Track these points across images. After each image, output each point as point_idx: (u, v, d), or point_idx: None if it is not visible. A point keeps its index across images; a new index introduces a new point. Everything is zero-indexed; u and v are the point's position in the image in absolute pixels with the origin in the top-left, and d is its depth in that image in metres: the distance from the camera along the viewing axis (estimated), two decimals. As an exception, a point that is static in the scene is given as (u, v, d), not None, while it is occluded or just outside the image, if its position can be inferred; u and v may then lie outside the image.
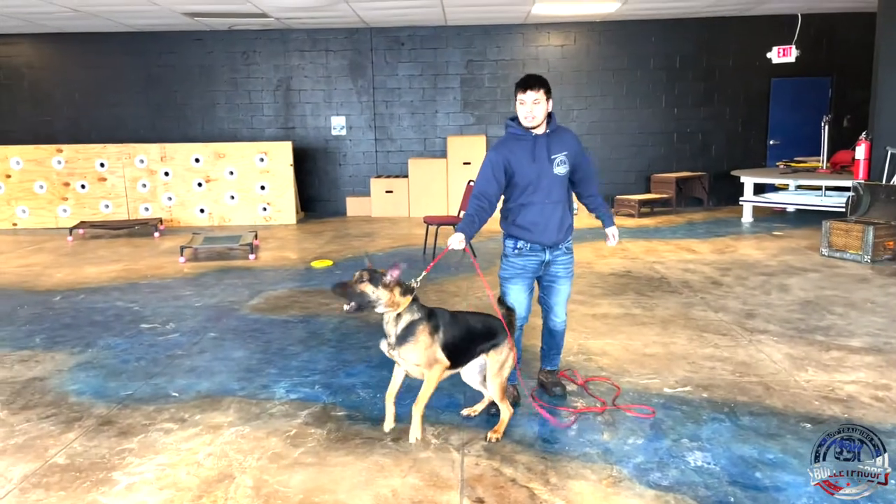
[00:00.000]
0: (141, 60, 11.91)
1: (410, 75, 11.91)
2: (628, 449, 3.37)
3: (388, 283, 3.25)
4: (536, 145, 3.63)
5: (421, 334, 3.30)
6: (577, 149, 3.73)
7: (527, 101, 3.53)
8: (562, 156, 3.65)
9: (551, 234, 3.69)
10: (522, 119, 3.59)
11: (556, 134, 3.68)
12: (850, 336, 4.95)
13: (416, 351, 3.31)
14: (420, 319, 3.32)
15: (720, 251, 8.08)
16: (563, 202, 3.71)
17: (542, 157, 3.62)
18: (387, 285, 3.24)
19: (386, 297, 3.24)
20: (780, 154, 11.54)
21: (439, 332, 3.37)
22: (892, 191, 7.57)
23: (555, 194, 3.67)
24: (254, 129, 12.09)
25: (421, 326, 3.31)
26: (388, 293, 3.24)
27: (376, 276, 3.26)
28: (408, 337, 3.30)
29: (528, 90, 3.51)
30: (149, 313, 5.94)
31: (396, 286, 3.29)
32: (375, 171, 12.20)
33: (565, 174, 3.68)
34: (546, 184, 3.64)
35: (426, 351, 3.31)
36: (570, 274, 3.86)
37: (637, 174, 12.04)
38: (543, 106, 3.56)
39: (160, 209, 11.01)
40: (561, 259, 3.78)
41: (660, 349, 4.78)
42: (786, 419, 3.64)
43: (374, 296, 3.23)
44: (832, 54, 11.44)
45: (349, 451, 3.39)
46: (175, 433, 3.63)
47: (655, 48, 11.68)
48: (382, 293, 3.23)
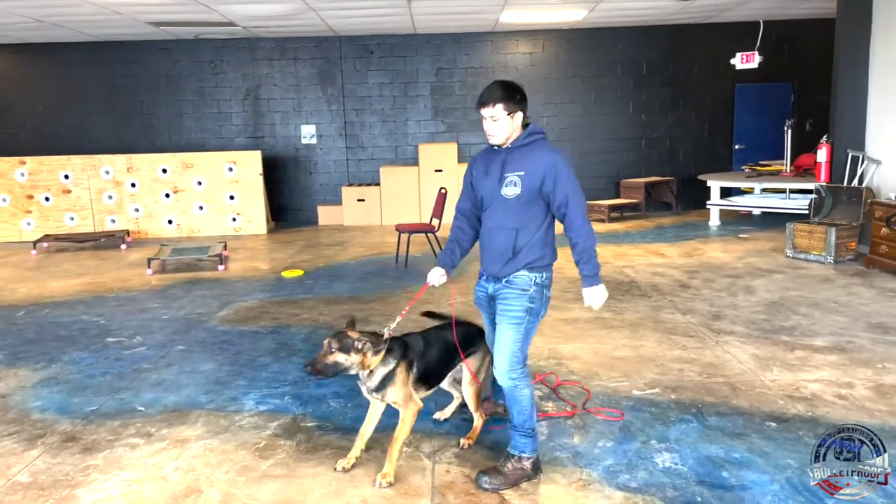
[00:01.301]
0: (105, 70, 11.74)
1: (381, 83, 11.91)
2: (598, 452, 3.39)
3: (358, 347, 3.11)
4: (496, 159, 3.17)
5: (398, 377, 3.22)
6: (543, 171, 3.04)
7: (485, 118, 3.09)
8: (515, 175, 3.07)
9: (492, 263, 3.16)
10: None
11: (524, 150, 3.10)
12: (814, 336, 5.05)
13: (394, 392, 3.23)
14: (395, 367, 3.22)
15: (688, 254, 8.19)
16: (512, 230, 3.09)
17: (495, 172, 3.14)
18: (358, 350, 3.10)
19: (358, 359, 3.12)
20: (746, 158, 11.74)
21: (413, 369, 3.30)
22: (853, 192, 7.74)
23: (499, 218, 3.13)
24: (222, 139, 11.99)
25: (397, 371, 3.22)
26: (359, 356, 3.11)
27: (346, 342, 3.10)
28: (386, 384, 3.21)
29: (481, 107, 3.08)
30: (115, 327, 5.84)
31: (368, 346, 3.13)
32: (347, 180, 12.16)
33: (514, 197, 3.07)
34: (494, 204, 3.14)
35: (403, 390, 3.24)
36: (513, 319, 3.08)
37: (607, 180, 12.16)
38: (505, 123, 3.06)
39: (127, 221, 10.84)
40: (503, 294, 3.13)
41: (629, 352, 4.83)
42: (751, 418, 3.70)
43: (348, 363, 3.11)
44: (794, 60, 11.69)
45: (319, 461, 3.37)
46: (141, 448, 3.57)
47: (622, 55, 11.83)
48: (354, 357, 3.11)
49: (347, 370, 3.13)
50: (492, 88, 3.10)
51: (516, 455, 3.13)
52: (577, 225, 3.10)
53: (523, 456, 3.13)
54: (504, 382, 3.11)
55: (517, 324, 3.08)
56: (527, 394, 3.11)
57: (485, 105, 3.06)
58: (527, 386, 3.12)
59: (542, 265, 3.15)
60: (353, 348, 3.09)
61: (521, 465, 3.12)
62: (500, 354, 3.10)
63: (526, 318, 3.09)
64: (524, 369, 3.12)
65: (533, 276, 3.11)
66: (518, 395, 3.10)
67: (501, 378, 3.11)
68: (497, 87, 3.09)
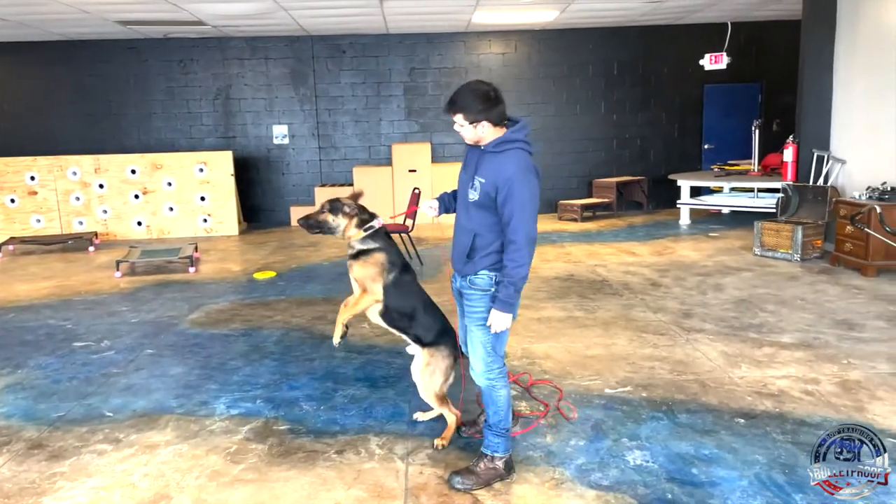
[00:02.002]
0: (72, 70, 11.53)
1: (353, 83, 11.86)
2: (570, 451, 3.41)
3: (346, 211, 3.45)
4: (473, 157, 3.12)
5: (372, 258, 3.44)
6: (498, 185, 2.93)
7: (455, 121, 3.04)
8: (478, 180, 3.00)
9: (455, 260, 3.18)
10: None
11: (493, 156, 2.99)
12: (781, 332, 5.13)
13: (360, 269, 3.45)
14: (373, 250, 3.45)
15: (659, 253, 8.28)
16: (470, 232, 3.06)
17: (469, 171, 3.11)
18: (346, 213, 3.45)
19: (344, 223, 3.46)
20: (715, 158, 11.90)
21: (390, 272, 3.46)
22: (818, 191, 7.89)
23: (463, 217, 3.13)
24: (192, 139, 11.84)
25: (374, 253, 3.44)
26: (345, 220, 3.46)
27: (336, 205, 3.47)
28: (359, 257, 3.46)
29: (447, 112, 3.06)
30: (82, 331, 5.74)
31: (355, 213, 3.46)
32: (320, 180, 12.09)
33: (475, 202, 3.02)
34: (462, 203, 3.14)
35: (369, 270, 3.43)
36: (479, 320, 3.06)
37: (579, 179, 12.24)
38: (468, 130, 2.99)
39: (95, 223, 10.66)
40: (468, 294, 3.12)
41: (601, 351, 4.87)
42: (720, 415, 3.75)
43: (333, 223, 3.47)
44: (761, 61, 11.88)
45: (291, 465, 3.34)
46: (109, 454, 3.51)
47: (594, 56, 11.92)
48: (341, 220, 3.46)
49: (333, 231, 3.48)
50: (457, 94, 3.02)
51: (489, 455, 3.14)
52: (512, 248, 2.93)
53: (496, 455, 3.13)
54: (481, 383, 3.12)
55: (482, 324, 3.07)
56: (503, 394, 3.12)
57: (448, 111, 3.05)
58: (504, 386, 3.13)
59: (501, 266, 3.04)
60: (342, 211, 3.45)
61: (494, 464, 3.12)
62: (475, 356, 3.12)
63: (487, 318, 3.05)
64: (501, 369, 3.12)
65: (493, 275, 3.05)
66: (495, 395, 3.11)
67: (478, 378, 3.12)
68: (460, 95, 3.01)
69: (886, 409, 3.76)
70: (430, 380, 3.47)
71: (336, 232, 3.50)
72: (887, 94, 7.18)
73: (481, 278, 3.07)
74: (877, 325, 5.22)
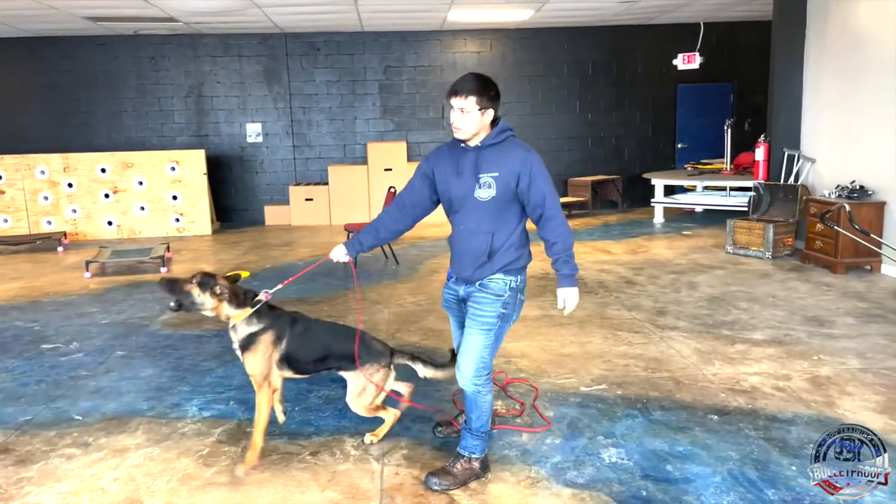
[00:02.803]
0: (40, 66, 11.30)
1: (328, 81, 11.78)
2: (546, 449, 3.41)
3: (217, 292, 3.14)
4: (465, 159, 3.02)
5: (259, 345, 3.22)
6: (518, 171, 2.93)
7: (454, 108, 2.96)
8: (489, 177, 2.94)
9: (464, 267, 3.06)
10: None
11: (496, 149, 2.98)
12: (754, 329, 5.20)
13: (251, 361, 3.23)
14: (259, 331, 3.22)
15: (634, 251, 8.34)
16: (486, 233, 2.99)
17: (468, 173, 2.99)
18: (215, 294, 3.14)
19: (210, 304, 3.15)
20: (688, 157, 12.03)
21: (281, 344, 3.26)
22: (789, 190, 8.00)
23: (473, 221, 3.01)
24: (164, 138, 11.67)
25: (260, 337, 3.22)
26: (213, 301, 3.15)
27: (208, 281, 3.16)
28: (248, 346, 3.21)
29: (452, 96, 2.95)
30: (51, 333, 5.62)
31: (229, 297, 3.17)
32: (294, 179, 11.99)
33: (490, 199, 2.95)
34: (467, 206, 3.01)
35: (259, 362, 3.21)
36: (484, 325, 3.00)
37: (554, 178, 12.18)
38: (475, 118, 2.93)
39: (64, 222, 10.47)
40: (476, 298, 3.04)
41: (577, 349, 4.88)
42: (694, 412, 3.78)
43: (200, 300, 3.15)
44: (733, 61, 12.03)
45: (265, 467, 3.30)
46: (78, 459, 3.44)
47: (568, 55, 11.98)
48: (207, 299, 3.15)
49: (199, 308, 3.16)
50: (467, 79, 2.96)
51: (466, 456, 3.12)
52: (555, 224, 2.98)
53: (473, 457, 3.12)
54: (467, 388, 3.06)
55: (488, 329, 3.01)
56: (488, 400, 3.10)
57: (457, 94, 2.92)
58: (489, 392, 3.10)
59: (517, 268, 3.05)
60: (211, 290, 3.13)
61: (471, 465, 3.12)
62: (467, 359, 3.02)
63: (497, 323, 3.02)
64: (488, 375, 3.08)
65: (508, 280, 3.03)
66: (480, 400, 3.07)
67: (465, 383, 3.05)
68: (473, 79, 2.96)
69: (856, 404, 3.82)
70: (361, 398, 3.39)
71: (200, 309, 3.18)
72: (855, 95, 7.30)
73: (495, 282, 3.02)
74: (846, 322, 5.31)
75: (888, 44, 6.79)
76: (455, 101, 2.93)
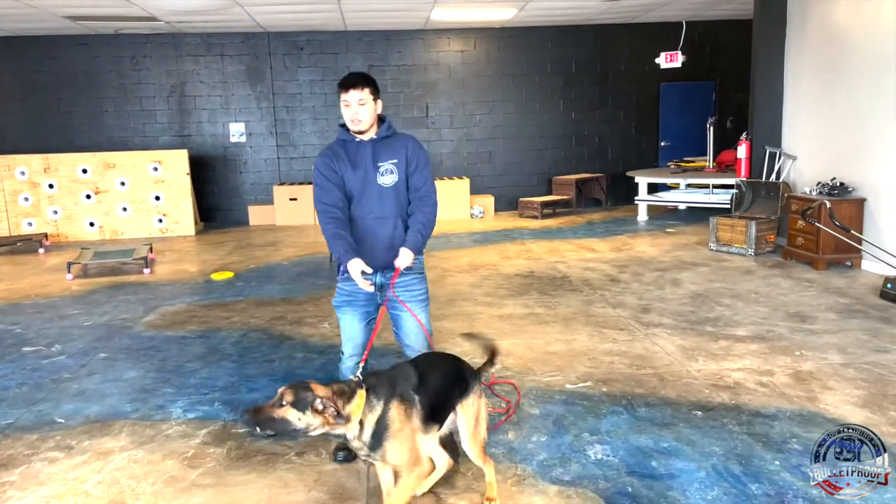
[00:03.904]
0: (19, 66, 11.17)
1: (311, 80, 11.74)
2: (532, 447, 3.42)
3: (318, 408, 2.40)
4: (361, 151, 3.23)
5: (395, 423, 2.53)
6: (407, 156, 3.26)
7: (351, 102, 3.14)
8: (389, 164, 3.22)
9: (377, 254, 3.21)
10: (348, 122, 3.20)
11: (389, 140, 3.28)
12: (737, 326, 5.24)
13: (395, 449, 2.53)
14: (386, 410, 2.53)
15: (618, 249, 8.39)
16: (395, 217, 3.25)
17: (365, 163, 3.22)
18: (318, 411, 2.40)
19: (319, 420, 2.41)
20: (671, 155, 12.10)
21: (416, 406, 2.60)
22: (771, 187, 8.08)
23: (380, 208, 3.23)
24: (146, 138, 11.58)
25: (391, 414, 2.53)
26: (320, 418, 2.41)
27: (303, 398, 2.40)
28: (383, 434, 2.51)
29: (350, 89, 3.13)
30: (32, 335, 5.56)
31: (335, 400, 2.45)
32: (278, 179, 11.94)
33: (393, 184, 3.23)
34: (369, 195, 3.23)
35: (407, 444, 2.55)
36: (423, 301, 3.31)
37: (539, 177, 12.33)
38: (370, 107, 3.17)
39: (45, 224, 10.35)
40: (405, 282, 3.25)
41: (562, 346, 4.90)
42: (678, 408, 3.81)
43: (303, 423, 2.40)
44: (715, 59, 12.12)
45: (251, 468, 3.29)
46: (61, 462, 3.41)
47: (552, 54, 12.01)
48: (311, 419, 2.40)
49: (303, 431, 2.44)
50: (356, 74, 3.22)
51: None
52: (430, 203, 3.28)
53: None
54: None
55: (426, 304, 3.38)
56: None
57: (354, 87, 3.14)
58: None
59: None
60: (313, 407, 2.40)
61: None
62: (417, 337, 3.32)
63: (428, 296, 3.41)
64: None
65: (422, 258, 3.37)
66: None
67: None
68: (360, 74, 3.24)
69: (837, 398, 3.87)
70: (478, 430, 2.84)
71: (309, 432, 2.45)
72: (835, 92, 7.38)
73: (416, 262, 3.28)
74: (828, 318, 5.37)
75: (867, 42, 6.87)
76: (352, 93, 3.15)
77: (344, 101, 3.17)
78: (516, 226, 10.57)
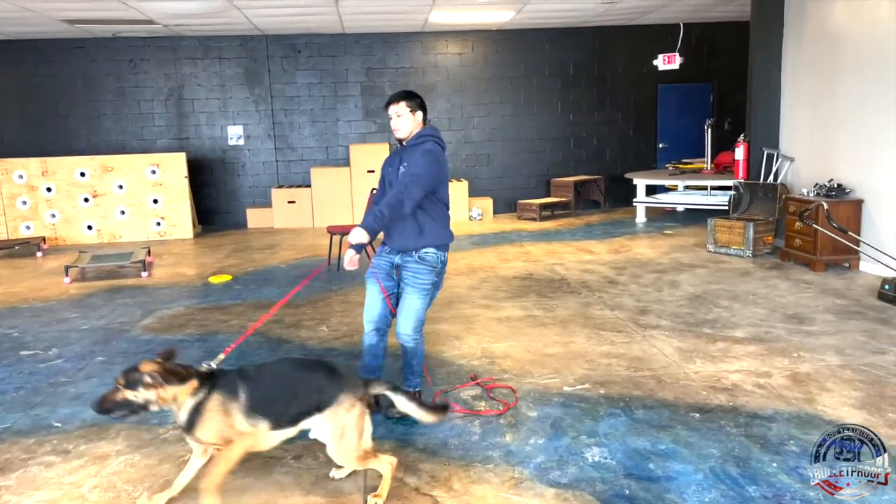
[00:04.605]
0: (17, 70, 11.17)
1: (310, 83, 11.74)
2: (529, 449, 3.42)
3: (149, 382, 2.74)
4: (400, 154, 3.87)
5: (208, 412, 2.81)
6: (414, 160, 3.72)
7: (392, 115, 3.82)
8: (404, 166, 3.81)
9: (397, 238, 3.78)
10: (393, 131, 3.87)
11: (412, 147, 3.81)
12: (735, 327, 5.24)
13: (205, 429, 2.82)
14: (205, 398, 2.83)
15: (616, 251, 8.39)
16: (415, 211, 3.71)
17: (398, 163, 3.83)
18: (149, 385, 2.74)
19: (153, 395, 2.75)
20: (669, 157, 12.12)
21: (239, 397, 2.86)
22: (768, 189, 8.08)
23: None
24: (144, 141, 11.58)
25: (207, 402, 2.82)
26: (153, 391, 2.74)
27: (133, 378, 2.76)
28: (195, 420, 2.81)
29: (390, 105, 3.81)
30: (30, 339, 5.55)
31: (167, 379, 2.76)
32: (276, 181, 11.94)
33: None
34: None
35: (215, 424, 2.82)
36: (419, 288, 3.72)
37: (537, 179, 12.34)
38: (407, 118, 3.79)
39: (43, 227, 10.34)
40: (410, 266, 3.75)
41: (560, 349, 4.90)
42: (676, 410, 3.80)
43: (142, 399, 2.75)
44: (712, 61, 12.14)
45: (247, 472, 3.28)
46: (57, 466, 3.40)
47: (550, 56, 12.02)
48: (146, 393, 2.74)
49: (145, 407, 2.77)
50: (397, 92, 3.89)
51: (413, 391, 3.82)
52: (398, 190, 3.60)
53: (418, 390, 3.87)
54: (408, 343, 3.77)
55: (426, 293, 3.75)
56: (422, 347, 3.89)
57: (391, 104, 3.80)
58: (422, 342, 3.88)
59: (444, 244, 3.82)
60: (143, 383, 2.74)
61: (419, 396, 3.70)
62: (408, 319, 3.72)
63: (432, 289, 3.80)
64: (421, 329, 3.82)
65: (439, 255, 3.79)
66: (419, 349, 3.85)
67: (406, 339, 3.75)
68: (402, 91, 3.91)
69: (835, 400, 3.86)
70: (341, 443, 2.92)
71: (149, 408, 2.79)
72: (832, 94, 7.39)
73: (430, 255, 3.75)
74: (825, 319, 5.37)
75: (864, 43, 6.88)
76: (392, 108, 3.80)
77: (388, 115, 3.83)
78: (515, 228, 10.57)
